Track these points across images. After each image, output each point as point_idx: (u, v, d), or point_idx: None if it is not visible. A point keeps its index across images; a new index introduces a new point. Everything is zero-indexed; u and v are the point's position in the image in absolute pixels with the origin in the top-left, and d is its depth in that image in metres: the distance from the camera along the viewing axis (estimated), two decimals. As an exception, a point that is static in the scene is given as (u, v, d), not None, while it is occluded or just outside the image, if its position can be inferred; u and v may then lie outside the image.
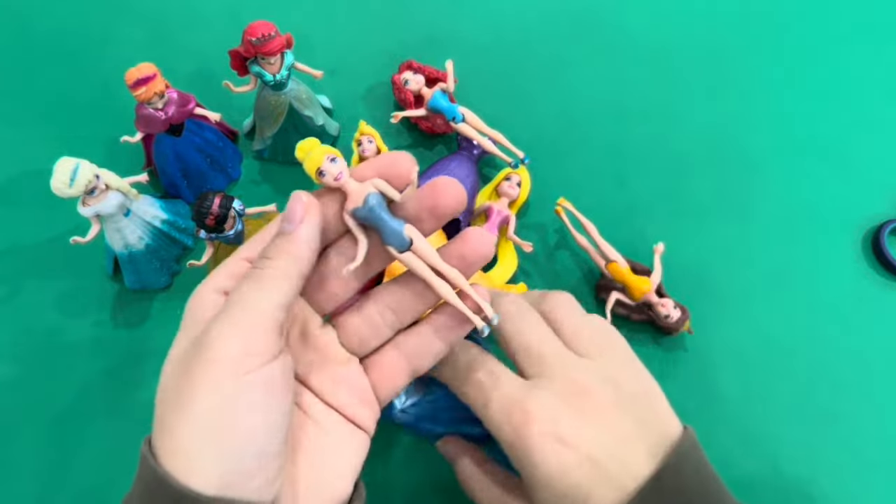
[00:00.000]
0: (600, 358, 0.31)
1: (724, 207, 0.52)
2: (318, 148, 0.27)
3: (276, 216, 0.48)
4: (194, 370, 0.23)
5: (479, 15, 0.61)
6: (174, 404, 0.23)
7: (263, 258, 0.26)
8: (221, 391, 0.23)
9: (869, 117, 0.56)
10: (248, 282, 0.25)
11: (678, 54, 0.59)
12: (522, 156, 0.48)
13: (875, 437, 0.44)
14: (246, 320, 0.24)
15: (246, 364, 0.23)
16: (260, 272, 0.25)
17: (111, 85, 0.52)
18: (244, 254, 0.28)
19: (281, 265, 0.25)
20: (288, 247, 0.26)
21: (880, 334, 0.47)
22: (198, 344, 0.24)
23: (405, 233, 0.27)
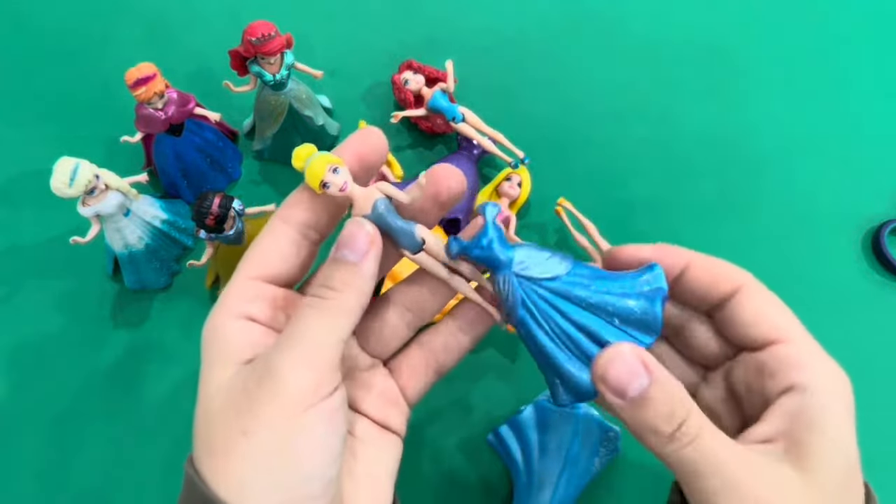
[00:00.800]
0: None
1: (724, 207, 0.52)
2: (318, 158, 0.26)
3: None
4: (260, 400, 0.22)
5: (479, 15, 0.61)
6: (232, 432, 0.23)
7: (327, 288, 0.24)
8: (288, 424, 0.22)
9: (869, 117, 0.56)
10: (311, 312, 0.24)
11: (678, 54, 0.59)
12: (522, 156, 0.48)
13: (875, 437, 0.44)
14: (313, 355, 0.23)
15: (311, 398, 0.23)
16: (325, 304, 0.24)
17: (111, 85, 0.52)
18: (250, 272, 0.26)
19: (346, 299, 0.24)
20: (354, 280, 0.25)
21: (880, 334, 0.47)
22: (263, 375, 0.23)
23: (417, 234, 0.26)
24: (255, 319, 0.25)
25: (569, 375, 0.25)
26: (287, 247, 0.26)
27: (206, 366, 0.25)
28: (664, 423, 0.23)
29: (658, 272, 0.26)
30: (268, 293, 0.26)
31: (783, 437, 0.24)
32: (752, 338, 0.26)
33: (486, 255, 0.26)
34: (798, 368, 0.25)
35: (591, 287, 0.25)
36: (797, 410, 0.24)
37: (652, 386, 0.23)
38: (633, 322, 0.25)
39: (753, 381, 0.26)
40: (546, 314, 0.25)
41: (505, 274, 0.26)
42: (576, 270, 0.26)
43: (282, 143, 0.51)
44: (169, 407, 0.45)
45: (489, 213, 0.27)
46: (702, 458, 0.22)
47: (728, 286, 0.27)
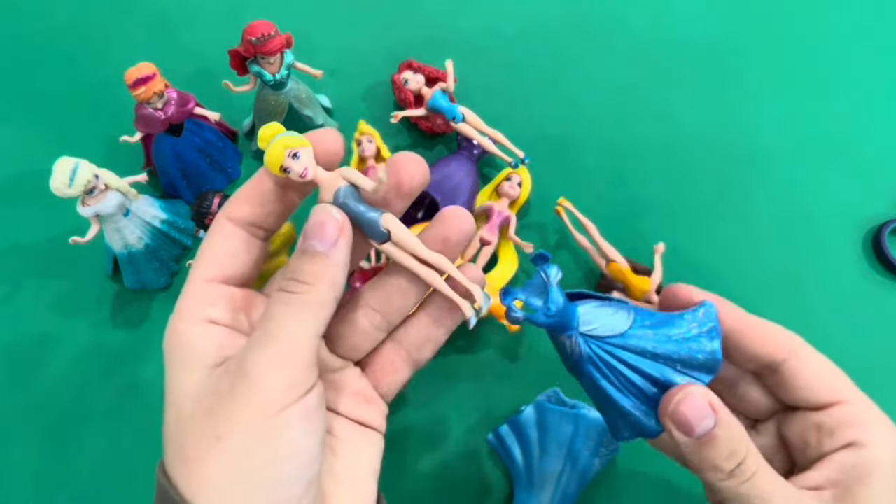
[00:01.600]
0: None
1: (724, 207, 0.52)
2: (278, 141, 0.24)
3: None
4: (232, 404, 0.22)
5: (479, 15, 0.61)
6: (205, 436, 0.22)
7: (297, 282, 0.24)
8: (264, 425, 0.22)
9: (870, 117, 0.56)
10: (283, 309, 0.23)
11: (678, 54, 0.59)
12: (523, 155, 0.48)
13: (876, 437, 0.44)
14: (287, 352, 0.23)
15: (287, 398, 0.22)
16: (297, 298, 0.23)
17: (111, 84, 0.52)
18: (204, 274, 0.25)
19: (318, 291, 0.24)
20: (325, 272, 0.24)
21: (881, 334, 0.47)
22: (236, 376, 0.22)
23: (382, 224, 0.25)
24: (216, 322, 0.25)
25: (634, 418, 0.26)
26: (237, 245, 0.26)
27: (171, 372, 0.24)
28: (725, 461, 0.24)
29: (712, 311, 0.27)
30: (225, 294, 0.25)
31: (833, 486, 0.26)
32: (809, 401, 0.28)
33: (556, 323, 0.26)
34: (857, 427, 0.27)
35: (654, 338, 0.26)
36: (852, 464, 0.26)
37: (717, 426, 0.24)
38: (695, 366, 0.26)
39: (811, 437, 0.28)
40: (612, 367, 0.26)
41: (572, 335, 0.26)
42: (638, 321, 0.26)
43: (282, 142, 0.51)
44: (168, 407, 0.45)
45: (553, 276, 0.26)
46: (757, 495, 0.24)
47: (781, 353, 0.28)
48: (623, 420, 0.27)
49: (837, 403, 0.27)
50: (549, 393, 0.43)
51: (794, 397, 0.28)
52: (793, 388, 0.28)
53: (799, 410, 0.28)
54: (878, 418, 0.27)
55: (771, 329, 0.29)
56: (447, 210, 0.27)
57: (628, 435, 0.27)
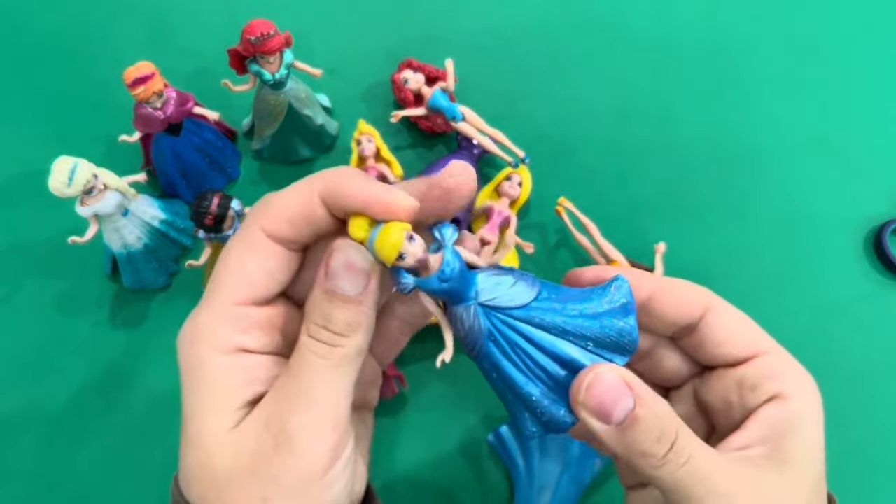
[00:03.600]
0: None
1: (725, 207, 0.52)
2: (393, 228, 0.21)
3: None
4: (278, 467, 0.21)
5: (479, 14, 0.61)
6: (251, 499, 0.21)
7: (331, 333, 0.22)
8: (311, 489, 0.22)
9: (870, 117, 0.56)
10: (322, 366, 0.22)
11: (679, 53, 0.59)
12: (523, 155, 0.48)
13: (877, 437, 0.44)
14: (330, 417, 0.22)
15: (333, 459, 0.22)
16: (333, 353, 0.22)
17: (110, 84, 0.52)
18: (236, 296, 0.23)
19: (354, 344, 0.22)
20: (359, 320, 0.22)
21: (882, 334, 0.47)
22: (279, 440, 0.21)
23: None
24: (250, 351, 0.23)
25: (541, 408, 0.23)
26: (275, 264, 0.23)
27: (195, 409, 0.23)
28: (655, 445, 0.22)
29: (625, 285, 0.25)
30: (260, 318, 0.23)
31: (762, 443, 0.24)
32: (729, 356, 0.26)
33: (449, 289, 0.23)
34: (779, 379, 0.25)
35: (563, 311, 0.23)
36: (777, 418, 0.24)
37: (639, 406, 0.22)
38: (609, 345, 0.23)
39: (733, 395, 0.26)
40: (515, 344, 0.23)
41: (468, 305, 0.23)
42: (544, 294, 0.24)
43: (281, 142, 0.51)
44: (168, 407, 0.44)
45: (447, 238, 0.23)
46: (697, 479, 0.22)
47: (696, 310, 0.26)
48: (530, 411, 0.24)
49: (757, 356, 0.26)
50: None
51: (713, 355, 0.26)
52: (711, 346, 0.26)
53: (717, 370, 0.27)
54: (797, 369, 0.26)
55: (683, 288, 0.27)
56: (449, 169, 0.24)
57: (537, 430, 0.24)
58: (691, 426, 0.27)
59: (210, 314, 0.23)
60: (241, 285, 0.23)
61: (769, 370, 0.25)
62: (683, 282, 0.27)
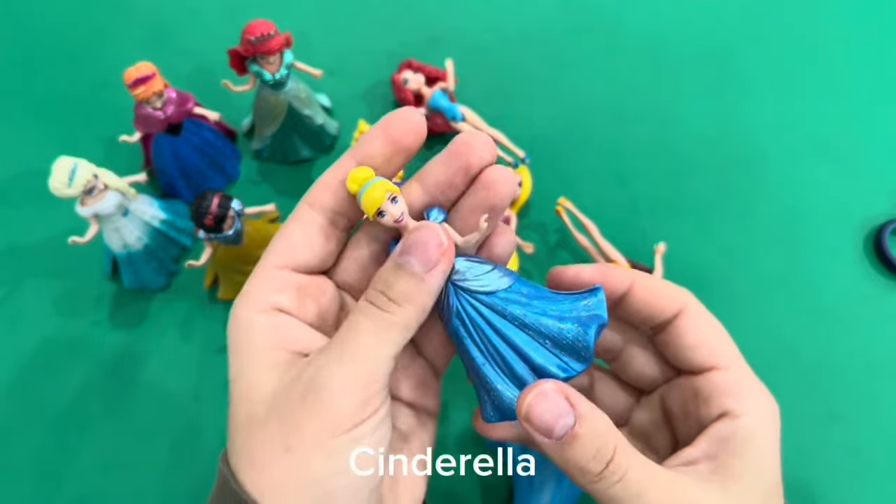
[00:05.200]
0: None
1: (725, 207, 0.52)
2: (377, 184, 0.24)
3: (276, 215, 0.48)
4: (302, 416, 0.22)
5: (479, 14, 0.61)
6: (275, 446, 0.22)
7: (387, 299, 0.23)
8: (333, 443, 0.22)
9: (870, 117, 0.56)
10: (369, 326, 0.23)
11: (678, 54, 0.59)
12: (523, 155, 0.48)
13: (877, 437, 0.44)
14: (363, 374, 0.22)
15: (358, 416, 0.22)
16: (383, 317, 0.23)
17: (110, 84, 0.52)
18: (277, 261, 0.25)
19: (406, 315, 0.23)
20: (417, 296, 0.23)
21: (881, 334, 0.47)
22: (309, 389, 0.22)
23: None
24: (283, 310, 0.25)
25: (497, 393, 0.24)
26: (314, 234, 0.25)
27: (240, 364, 0.24)
28: (591, 463, 0.22)
29: (600, 298, 0.25)
30: (295, 282, 0.25)
31: (709, 459, 0.25)
32: (691, 362, 0.26)
33: None
34: (731, 396, 0.25)
35: (528, 306, 0.24)
36: (726, 436, 0.25)
37: (578, 424, 0.22)
38: (565, 347, 0.24)
39: (690, 405, 0.26)
40: (479, 328, 0.25)
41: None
42: (516, 287, 0.25)
43: (281, 142, 0.51)
44: (167, 407, 0.45)
45: (432, 218, 0.25)
46: (631, 494, 0.22)
47: (671, 307, 0.27)
48: (487, 395, 0.25)
49: (714, 369, 0.26)
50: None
51: (678, 358, 0.27)
52: (677, 347, 0.27)
53: (681, 377, 0.27)
54: (754, 388, 0.26)
55: (661, 285, 0.27)
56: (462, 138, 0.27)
57: (494, 417, 0.25)
58: (654, 431, 0.28)
59: (253, 279, 0.25)
60: (282, 251, 0.25)
61: (724, 386, 0.26)
62: (663, 280, 0.28)
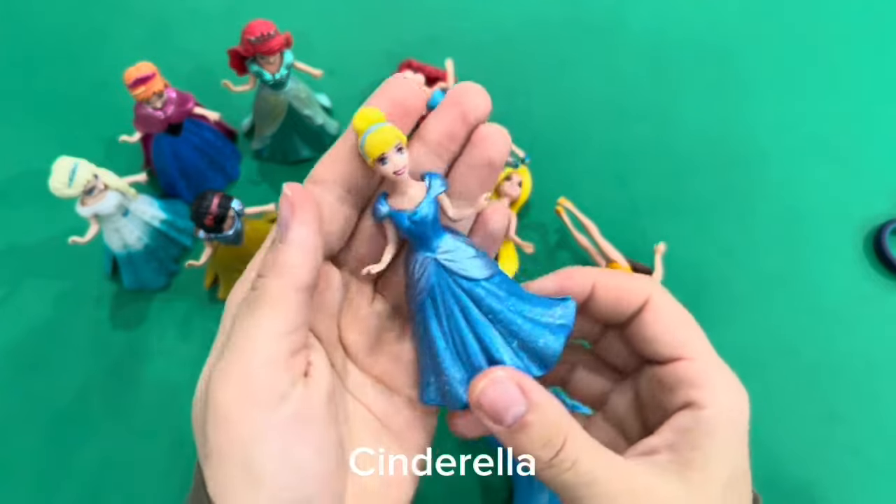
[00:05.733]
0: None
1: (725, 207, 0.52)
2: (388, 129, 0.23)
3: (276, 215, 0.48)
4: (207, 427, 0.22)
5: (478, 14, 0.61)
6: (205, 446, 0.22)
7: (257, 276, 0.23)
8: (234, 449, 0.21)
9: (870, 117, 0.56)
10: (241, 310, 0.22)
11: (678, 54, 0.59)
12: (523, 155, 0.48)
13: (877, 437, 0.44)
14: (241, 363, 0.22)
15: (254, 410, 0.21)
16: (253, 296, 0.22)
17: (110, 84, 0.52)
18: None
19: (274, 285, 0.22)
20: (279, 259, 0.22)
21: (882, 334, 0.47)
22: (206, 401, 0.22)
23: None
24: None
25: (447, 379, 0.24)
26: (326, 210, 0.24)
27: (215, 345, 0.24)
28: (541, 450, 0.22)
29: (571, 308, 0.25)
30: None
31: (670, 450, 0.24)
32: (656, 353, 0.26)
33: (417, 231, 0.24)
34: (695, 387, 0.25)
35: (504, 302, 0.24)
36: (688, 427, 0.24)
37: (529, 412, 0.22)
38: (531, 351, 0.24)
39: (656, 393, 0.26)
40: (450, 312, 0.24)
41: (426, 256, 0.24)
42: (497, 280, 0.24)
43: (281, 142, 0.51)
44: (167, 407, 0.44)
45: (433, 187, 0.24)
46: (581, 482, 0.22)
47: (635, 301, 0.26)
48: (436, 378, 0.25)
49: (680, 359, 0.25)
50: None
51: (644, 350, 0.27)
52: (642, 341, 0.26)
53: (651, 366, 0.27)
54: (721, 379, 0.25)
55: (623, 280, 0.27)
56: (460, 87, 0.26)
57: (434, 397, 0.25)
58: (627, 416, 0.28)
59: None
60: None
61: (688, 376, 0.25)
62: (626, 274, 0.28)
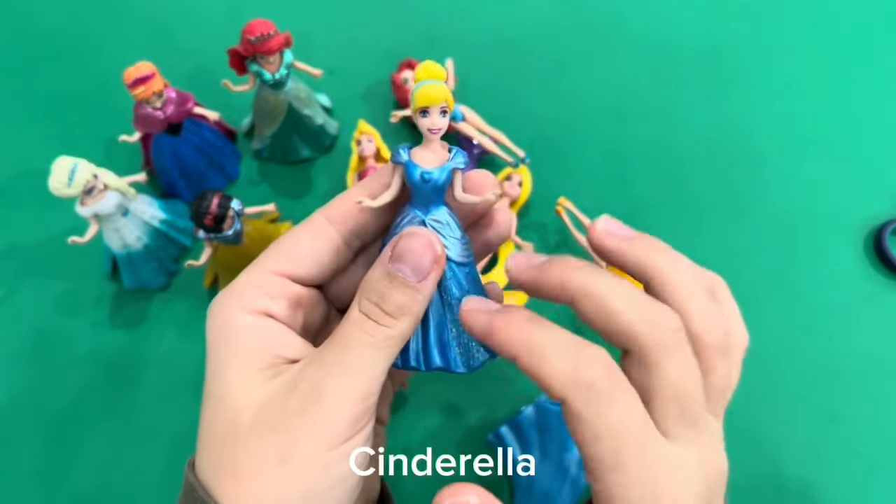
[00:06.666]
0: None
1: (724, 207, 0.52)
2: (441, 88, 0.23)
3: (276, 215, 0.48)
4: (301, 427, 0.21)
5: (479, 14, 0.61)
6: (269, 456, 0.21)
7: (382, 312, 0.22)
8: (328, 455, 0.22)
9: (870, 117, 0.56)
10: (366, 339, 0.22)
11: (678, 54, 0.59)
12: (523, 155, 0.48)
13: (877, 437, 0.44)
14: (363, 387, 0.22)
15: (353, 430, 0.22)
16: (381, 332, 0.22)
17: (110, 84, 0.52)
18: (277, 266, 0.24)
19: (402, 327, 0.23)
20: (413, 306, 0.23)
21: (882, 334, 0.47)
22: (308, 400, 0.22)
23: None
24: (273, 316, 0.24)
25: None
26: (326, 251, 0.25)
27: (220, 366, 0.23)
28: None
29: None
30: (291, 291, 0.24)
31: None
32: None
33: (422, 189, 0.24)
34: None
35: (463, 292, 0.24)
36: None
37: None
38: (464, 347, 0.24)
39: None
40: None
41: (416, 213, 0.24)
42: (467, 270, 0.25)
43: (281, 142, 0.51)
44: (167, 407, 0.44)
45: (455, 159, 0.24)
46: None
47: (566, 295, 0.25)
48: None
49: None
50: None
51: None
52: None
53: None
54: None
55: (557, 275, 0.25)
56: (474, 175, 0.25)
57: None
58: None
59: (247, 278, 0.24)
60: (287, 258, 0.24)
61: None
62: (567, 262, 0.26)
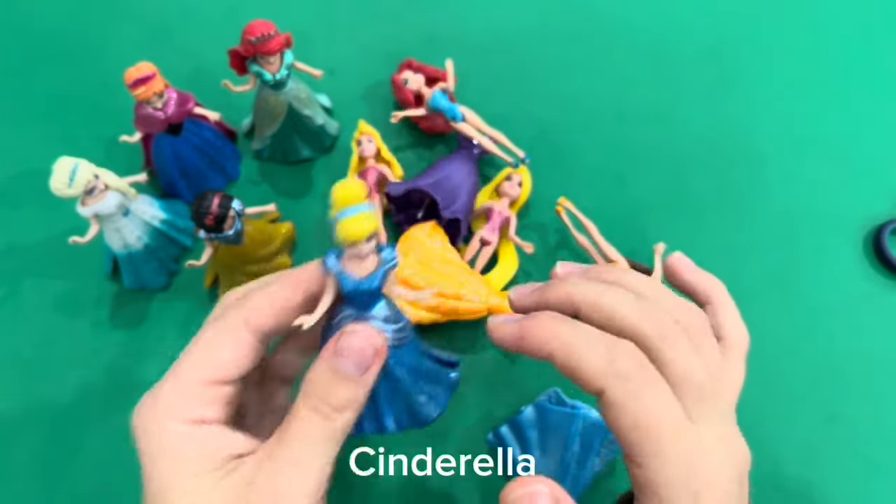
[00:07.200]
0: None
1: (724, 207, 0.52)
2: (366, 219, 0.24)
3: (276, 215, 0.48)
4: None
5: (479, 14, 0.61)
6: None
7: (330, 408, 0.24)
8: None
9: (870, 117, 0.56)
10: (315, 432, 0.24)
11: (679, 54, 0.59)
12: (523, 155, 0.48)
13: (877, 437, 0.44)
14: (318, 477, 0.24)
15: None
16: (329, 426, 0.24)
17: (110, 84, 0.52)
18: (202, 375, 0.25)
19: (348, 417, 0.24)
20: (357, 398, 0.24)
21: (881, 334, 0.47)
22: (261, 496, 0.23)
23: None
24: (205, 421, 0.25)
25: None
26: (246, 355, 0.26)
27: (159, 476, 0.23)
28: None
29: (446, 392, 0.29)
30: (221, 394, 0.25)
31: None
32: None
33: (358, 297, 0.25)
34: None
35: (403, 370, 0.26)
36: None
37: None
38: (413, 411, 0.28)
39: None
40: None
41: (353, 314, 0.25)
42: (408, 348, 0.27)
43: (281, 142, 0.51)
44: (168, 407, 0.45)
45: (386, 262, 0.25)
46: None
47: (590, 389, 0.26)
48: None
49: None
50: (549, 393, 0.43)
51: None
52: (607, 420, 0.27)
53: None
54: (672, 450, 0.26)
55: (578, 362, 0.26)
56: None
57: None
58: None
59: (176, 386, 0.25)
60: (210, 366, 0.25)
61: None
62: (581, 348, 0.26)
